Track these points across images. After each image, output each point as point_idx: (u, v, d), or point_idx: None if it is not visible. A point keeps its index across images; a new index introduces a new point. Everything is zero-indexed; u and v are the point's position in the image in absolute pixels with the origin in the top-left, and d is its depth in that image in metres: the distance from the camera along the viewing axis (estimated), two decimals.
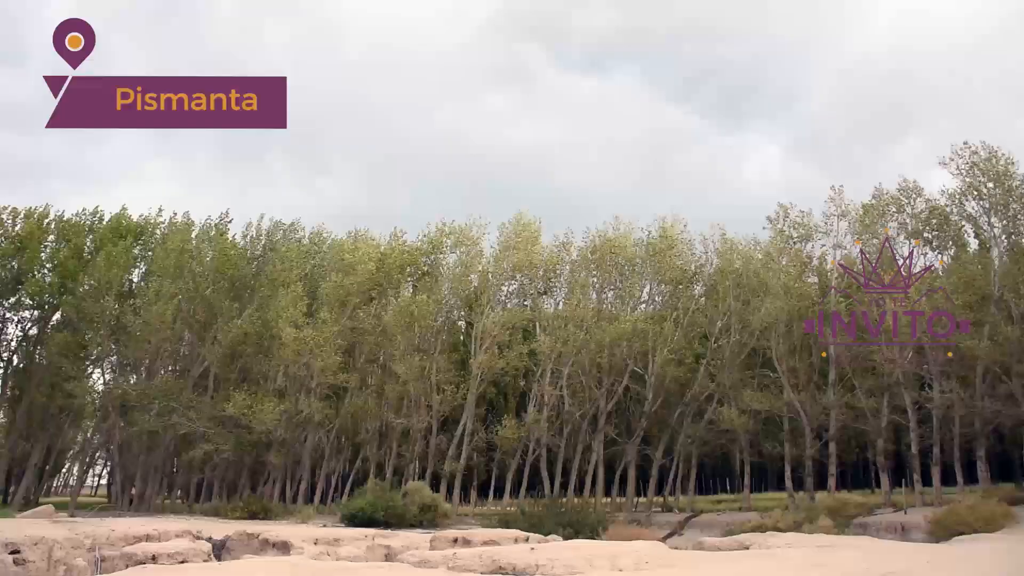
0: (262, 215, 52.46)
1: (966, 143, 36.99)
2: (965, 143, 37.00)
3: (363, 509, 31.78)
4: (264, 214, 52.85)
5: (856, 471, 54.72)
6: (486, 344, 43.06)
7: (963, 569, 15.06)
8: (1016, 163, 36.18)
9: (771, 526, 25.78)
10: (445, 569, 16.31)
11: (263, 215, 52.44)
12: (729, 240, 45.40)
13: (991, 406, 33.40)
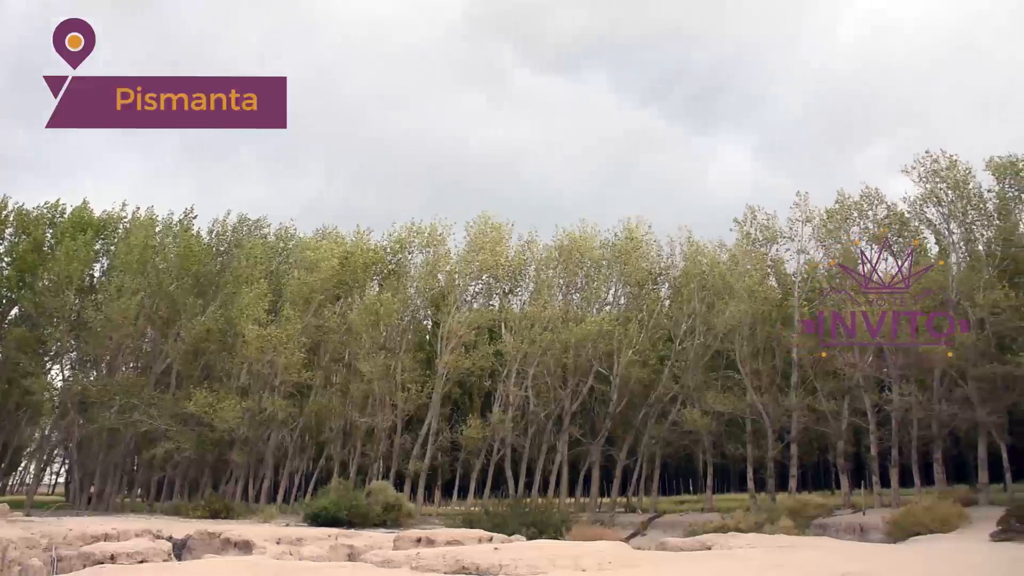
0: (228, 211, 52.08)
1: (928, 152, 37.72)
2: (927, 152, 37.74)
3: (326, 508, 31.59)
4: (231, 210, 52.36)
5: (817, 472, 55.40)
6: (452, 344, 43.02)
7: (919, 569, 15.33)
8: (974, 172, 36.95)
9: (733, 527, 26.01)
10: (408, 569, 16.28)
11: (229, 211, 52.03)
12: (695, 242, 45.82)
13: (948, 409, 34.02)
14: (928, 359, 34.04)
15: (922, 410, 34.62)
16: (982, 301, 33.32)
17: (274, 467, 44.54)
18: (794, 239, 42.21)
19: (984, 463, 33.79)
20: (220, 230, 50.94)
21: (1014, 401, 34.02)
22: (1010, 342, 33.70)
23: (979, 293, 33.57)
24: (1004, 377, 32.96)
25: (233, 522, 30.77)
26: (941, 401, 34.24)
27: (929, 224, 39.05)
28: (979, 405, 32.83)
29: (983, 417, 32.72)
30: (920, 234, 40.20)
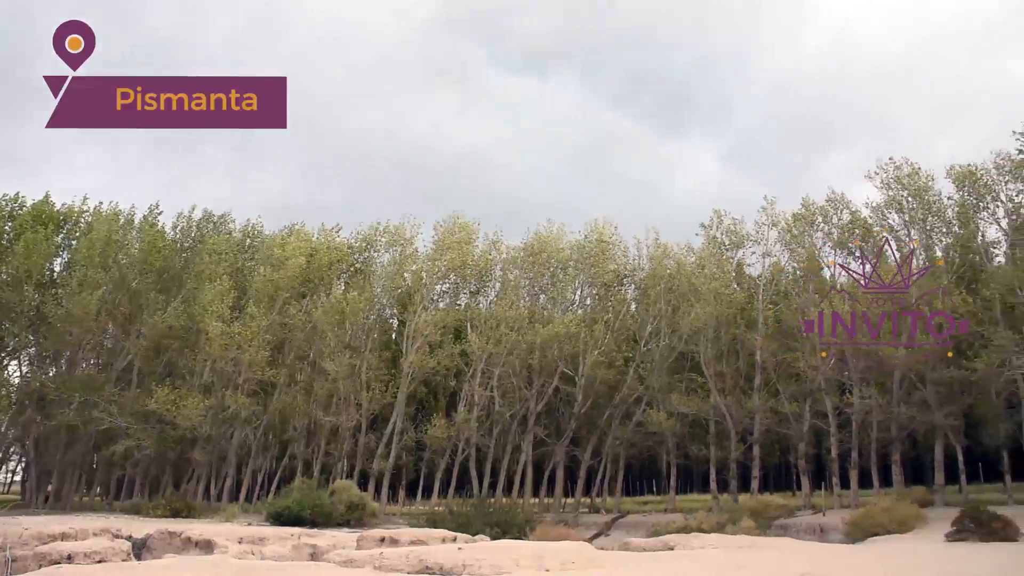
0: (193, 206, 51.32)
1: (891, 159, 38.34)
2: (890, 159, 38.37)
3: (289, 507, 31.33)
4: (196, 205, 51.66)
5: (778, 474, 55.96)
6: (418, 343, 42.92)
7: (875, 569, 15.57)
8: (935, 180, 37.60)
9: (695, 527, 26.21)
10: (371, 568, 16.21)
11: (194, 206, 51.32)
12: (662, 245, 46.14)
13: (906, 412, 34.60)
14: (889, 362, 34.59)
15: (882, 413, 35.21)
16: (940, 306, 33.92)
17: (237, 466, 44.12)
18: (760, 243, 42.70)
19: (940, 465, 34.40)
20: (184, 226, 50.29)
21: (970, 404, 34.69)
22: (967, 347, 34.31)
23: (938, 299, 34.14)
24: (961, 381, 33.64)
25: (194, 521, 30.42)
26: (900, 404, 34.81)
27: (891, 230, 39.64)
28: (937, 408, 33.43)
29: (940, 420, 33.32)
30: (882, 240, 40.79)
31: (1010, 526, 21.12)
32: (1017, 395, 32.48)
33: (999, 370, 31.47)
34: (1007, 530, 20.96)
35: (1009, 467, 33.52)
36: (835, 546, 22.82)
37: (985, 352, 32.01)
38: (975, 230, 36.77)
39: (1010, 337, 31.59)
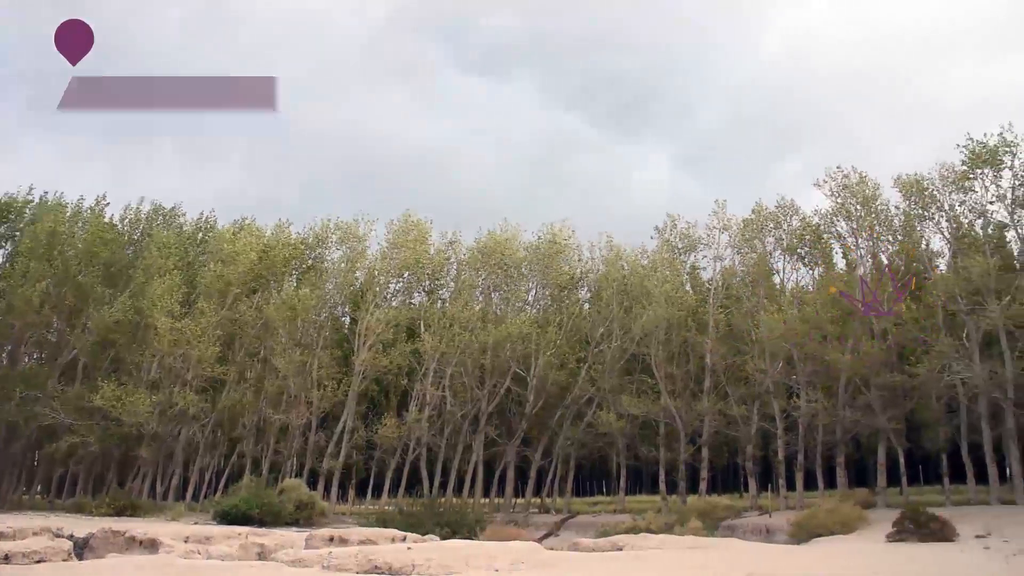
0: (142, 199, 50.43)
1: (839, 167, 39.06)
2: (838, 167, 39.08)
3: (237, 506, 31.00)
4: (144, 197, 50.78)
5: (726, 475, 56.67)
6: (370, 341, 42.71)
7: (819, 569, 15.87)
8: (882, 189, 38.41)
9: (644, 528, 26.48)
10: (320, 568, 16.11)
11: (143, 198, 50.43)
12: (615, 247, 46.52)
13: (851, 416, 35.31)
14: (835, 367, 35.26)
15: (827, 416, 35.91)
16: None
17: (184, 464, 43.49)
18: (711, 247, 43.27)
19: (883, 467, 35.16)
20: (133, 218, 49.47)
21: (912, 409, 35.49)
22: (910, 352, 35.12)
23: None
24: (903, 386, 34.38)
25: (139, 520, 29.92)
26: (845, 408, 35.49)
27: (838, 237, 40.42)
28: (880, 412, 34.14)
29: (883, 424, 34.04)
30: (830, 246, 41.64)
31: (947, 527, 21.72)
32: (957, 400, 33.32)
33: (940, 376, 32.26)
34: (944, 531, 21.57)
35: (948, 470, 34.38)
36: (780, 546, 23.22)
37: (927, 358, 32.79)
38: (919, 239, 37.63)
39: (951, 344, 32.40)
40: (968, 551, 18.77)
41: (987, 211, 34.78)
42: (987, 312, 31.59)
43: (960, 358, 32.01)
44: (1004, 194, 33.67)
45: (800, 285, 42.32)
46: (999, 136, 33.41)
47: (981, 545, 19.71)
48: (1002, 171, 33.55)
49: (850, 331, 35.94)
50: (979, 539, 20.89)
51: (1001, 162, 33.44)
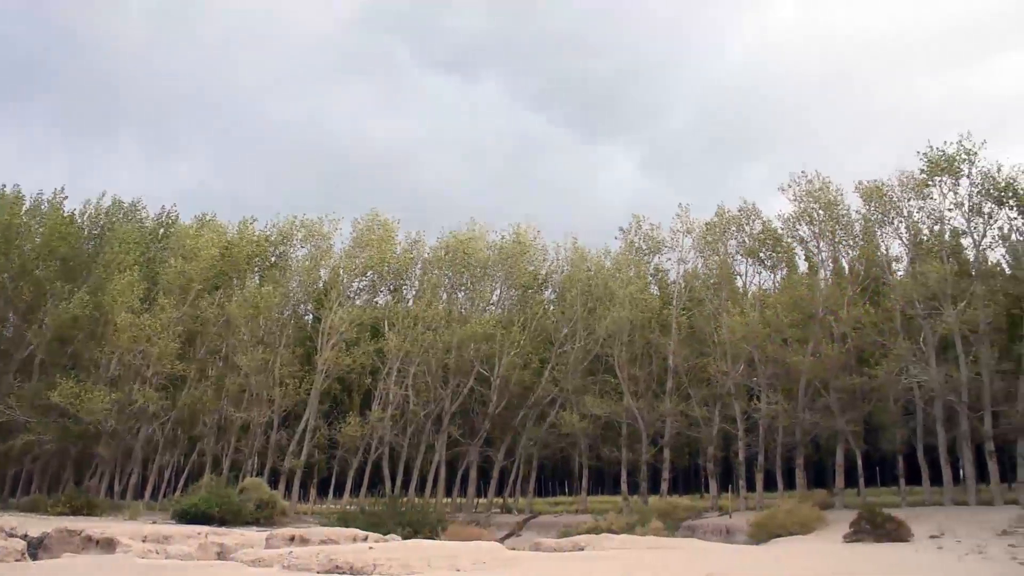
0: (103, 193, 49.66)
1: (803, 172, 39.48)
2: (802, 172, 39.50)
3: (197, 505, 30.62)
4: (105, 191, 50.03)
5: (688, 476, 57.07)
6: (333, 340, 42.47)
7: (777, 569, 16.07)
8: (844, 194, 38.93)
9: (606, 528, 26.59)
10: (280, 568, 15.98)
11: (104, 192, 49.66)
12: (580, 248, 46.67)
13: (810, 418, 35.74)
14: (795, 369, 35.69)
15: (787, 418, 36.34)
16: (845, 316, 35.18)
17: (143, 462, 42.95)
18: (675, 249, 43.61)
19: (841, 469, 35.62)
20: (93, 212, 48.68)
21: (870, 411, 36.02)
22: (869, 356, 35.65)
23: (843, 309, 35.40)
24: (862, 388, 34.88)
25: (96, 519, 29.47)
26: (805, 410, 35.91)
27: (800, 241, 40.89)
28: (839, 414, 34.60)
29: (842, 426, 34.50)
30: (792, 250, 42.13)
31: (903, 527, 22.13)
32: (913, 403, 33.86)
33: (898, 378, 32.77)
34: (900, 531, 21.98)
35: (904, 471, 34.95)
36: (740, 547, 23.47)
37: (885, 361, 33.30)
38: (878, 244, 38.20)
39: (908, 347, 32.96)
40: (922, 551, 19.13)
41: (945, 218, 35.45)
42: (943, 317, 32.18)
43: (917, 362, 32.56)
44: (961, 201, 34.31)
45: (762, 288, 42.84)
46: (958, 144, 34.04)
47: (935, 545, 20.10)
48: (960, 179, 34.19)
49: (810, 334, 36.42)
50: (933, 539, 21.29)
51: (959, 170, 34.06)
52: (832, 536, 23.33)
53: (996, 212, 34.16)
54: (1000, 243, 35.53)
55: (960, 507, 29.81)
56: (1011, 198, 33.59)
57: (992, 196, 33.79)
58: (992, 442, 31.23)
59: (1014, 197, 33.52)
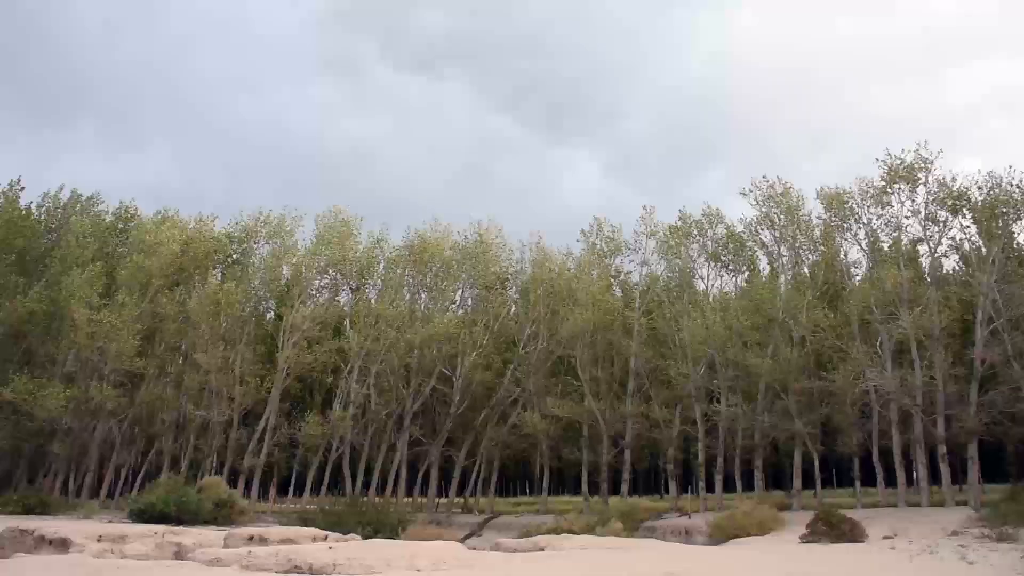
0: (61, 185, 48.76)
1: (764, 177, 39.99)
2: (764, 177, 40.02)
3: (154, 504, 30.11)
4: (63, 184, 49.13)
5: (648, 477, 57.49)
6: (294, 338, 42.13)
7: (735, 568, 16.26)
8: (806, 200, 39.52)
9: (566, 528, 26.65)
10: (238, 568, 15.84)
11: (63, 186, 48.76)
12: (543, 249, 46.74)
13: (769, 420, 36.19)
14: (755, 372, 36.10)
15: (747, 420, 36.78)
16: (804, 320, 35.67)
17: (99, 460, 42.25)
18: (638, 252, 43.90)
19: (799, 471, 36.15)
20: (51, 205, 47.81)
21: (827, 414, 36.55)
22: (827, 360, 36.18)
23: (802, 313, 35.89)
24: (820, 391, 35.40)
25: (50, 518, 28.89)
26: (764, 412, 36.37)
27: (763, 246, 41.40)
28: (797, 417, 35.09)
29: (800, 428, 34.98)
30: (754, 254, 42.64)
31: (858, 528, 22.52)
32: (870, 406, 34.44)
33: (854, 382, 33.31)
34: (855, 532, 22.37)
35: (860, 473, 35.56)
36: (699, 547, 23.69)
37: (843, 365, 33.83)
38: (837, 250, 38.81)
39: (865, 352, 33.52)
40: (876, 551, 19.46)
41: (902, 225, 36.09)
42: (899, 323, 32.78)
43: (873, 366, 33.12)
44: (918, 209, 34.99)
45: (723, 292, 43.29)
46: (915, 153, 34.70)
47: (888, 545, 20.45)
48: (917, 187, 34.85)
49: (770, 338, 36.89)
50: (887, 540, 21.66)
51: (917, 178, 34.71)
52: (789, 537, 23.63)
53: (951, 220, 34.91)
54: (954, 251, 36.31)
55: (913, 508, 30.38)
56: (964, 207, 34.34)
57: (947, 205, 34.52)
58: (944, 445, 31.88)
59: (967, 206, 34.28)
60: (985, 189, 33.83)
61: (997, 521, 22.21)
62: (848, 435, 35.37)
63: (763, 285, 40.80)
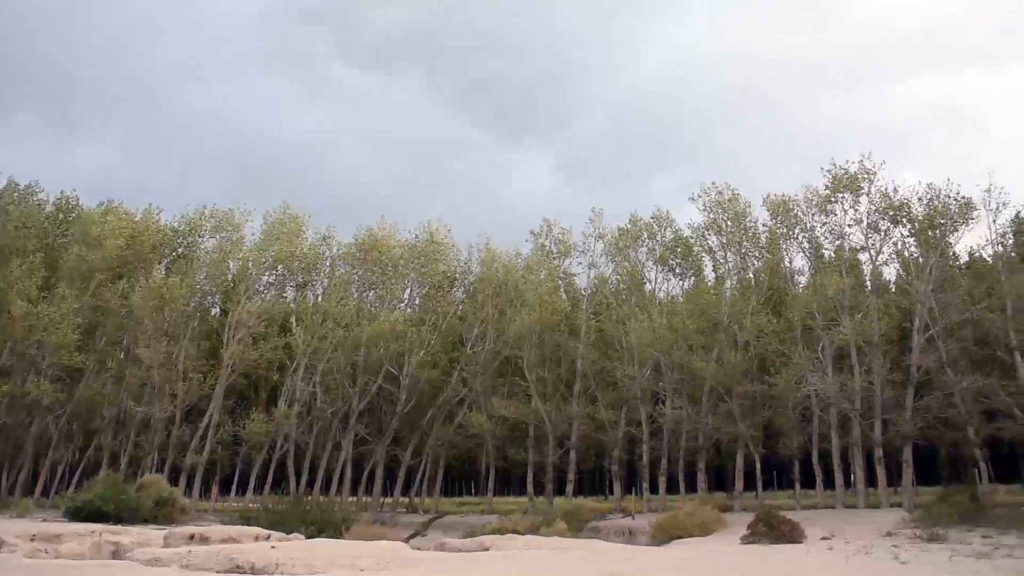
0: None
1: (713, 183, 40.54)
2: (713, 183, 40.58)
3: (91, 502, 29.45)
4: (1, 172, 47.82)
5: (593, 478, 57.84)
6: (240, 334, 41.57)
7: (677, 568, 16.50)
8: (752, 206, 40.16)
9: (511, 528, 26.75)
10: (178, 567, 15.64)
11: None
12: (492, 250, 46.79)
13: (713, 422, 36.72)
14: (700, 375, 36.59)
15: (691, 422, 37.26)
16: (749, 325, 36.26)
17: (34, 457, 41.19)
18: (586, 254, 44.18)
19: (741, 472, 36.74)
20: None
21: (769, 417, 37.19)
22: (770, 364, 36.83)
23: (747, 318, 36.48)
24: (762, 395, 36.02)
25: None
26: (708, 415, 36.89)
27: (710, 251, 41.96)
28: (740, 419, 35.65)
29: (743, 431, 35.55)
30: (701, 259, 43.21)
31: (797, 529, 22.97)
32: (811, 410, 35.11)
33: (796, 386, 33.97)
34: (794, 533, 22.81)
35: (800, 475, 36.22)
36: (642, 548, 23.98)
37: (785, 369, 34.48)
38: (782, 257, 39.51)
39: (807, 357, 34.20)
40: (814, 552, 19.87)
41: (845, 234, 36.87)
42: (840, 329, 33.49)
43: (815, 371, 33.81)
44: (861, 218, 35.78)
45: (670, 295, 43.81)
46: (859, 163, 35.49)
47: (826, 546, 20.89)
48: (860, 197, 35.64)
49: (715, 341, 37.42)
50: (824, 540, 22.11)
51: (860, 188, 35.50)
52: (730, 538, 24.00)
53: (891, 230, 35.77)
54: (894, 259, 37.22)
55: (850, 510, 31.06)
56: (905, 217, 35.22)
57: (888, 215, 35.35)
58: (881, 449, 32.63)
59: (908, 217, 35.17)
60: (925, 200, 34.73)
61: (929, 522, 22.82)
62: (789, 438, 36.01)
63: (709, 289, 41.38)
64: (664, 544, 24.62)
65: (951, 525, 22.10)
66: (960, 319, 33.31)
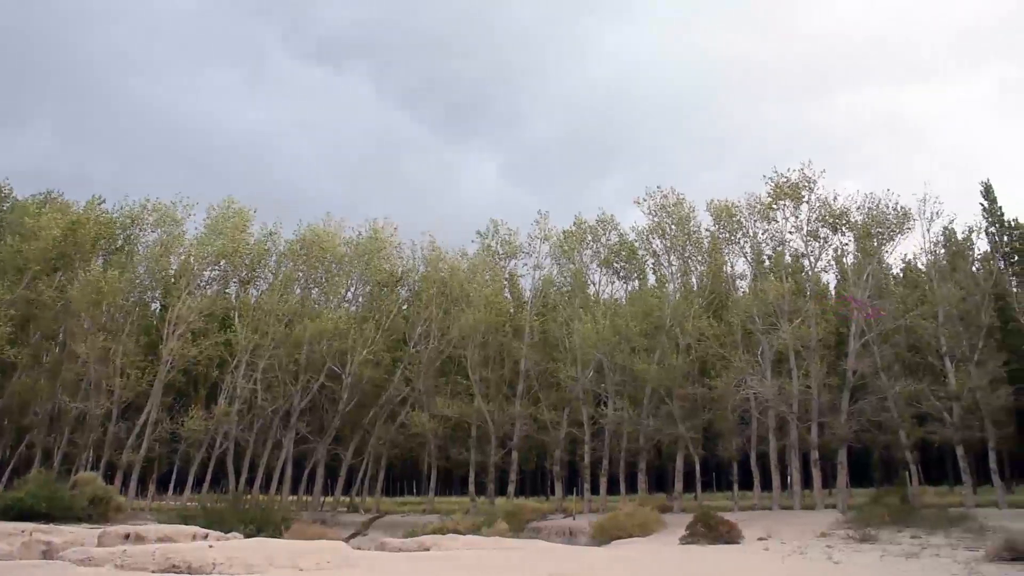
0: None
1: (658, 187, 41.09)
2: (658, 187, 41.11)
3: (21, 500, 28.64)
4: None
5: (535, 478, 58.08)
6: (180, 330, 40.86)
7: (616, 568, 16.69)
8: (696, 211, 40.74)
9: (452, 528, 26.75)
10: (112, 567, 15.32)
11: None
12: (437, 249, 46.74)
13: (654, 424, 37.16)
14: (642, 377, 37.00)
15: (632, 424, 37.63)
16: (690, 328, 36.78)
17: None
18: (532, 255, 44.38)
19: (680, 474, 37.24)
20: None
21: (709, 419, 37.77)
22: (710, 367, 37.41)
23: (688, 321, 37.00)
24: (703, 397, 36.57)
25: None
26: (649, 416, 37.31)
27: (654, 254, 42.45)
28: (680, 421, 36.13)
29: (683, 432, 36.04)
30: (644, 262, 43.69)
31: (734, 530, 23.39)
32: (749, 412, 35.74)
33: (736, 389, 34.53)
34: (732, 533, 23.22)
35: (738, 477, 36.84)
36: (582, 548, 24.14)
37: (725, 372, 35.04)
38: (725, 261, 40.19)
39: (747, 360, 34.80)
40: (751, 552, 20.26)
41: (786, 240, 37.65)
42: (780, 333, 34.17)
43: (754, 374, 34.40)
44: (801, 225, 36.54)
45: (614, 298, 44.21)
46: (800, 172, 36.24)
47: (762, 547, 21.30)
48: (801, 205, 36.39)
49: (657, 344, 37.86)
50: (761, 541, 22.54)
51: (801, 196, 36.25)
52: (669, 538, 24.32)
53: (831, 237, 36.60)
54: (833, 266, 38.10)
55: (786, 511, 31.70)
56: (844, 225, 36.06)
57: (828, 223, 36.16)
58: (817, 451, 33.36)
59: (847, 225, 36.01)
60: (864, 209, 35.59)
61: (861, 523, 23.38)
62: (728, 440, 36.60)
63: (652, 292, 41.84)
64: (604, 544, 24.86)
65: (883, 526, 22.68)
66: (894, 326, 34.21)
